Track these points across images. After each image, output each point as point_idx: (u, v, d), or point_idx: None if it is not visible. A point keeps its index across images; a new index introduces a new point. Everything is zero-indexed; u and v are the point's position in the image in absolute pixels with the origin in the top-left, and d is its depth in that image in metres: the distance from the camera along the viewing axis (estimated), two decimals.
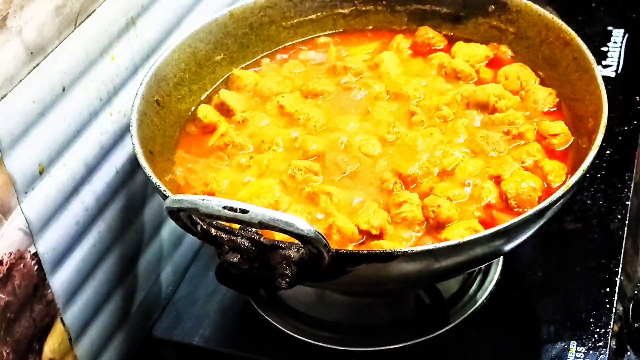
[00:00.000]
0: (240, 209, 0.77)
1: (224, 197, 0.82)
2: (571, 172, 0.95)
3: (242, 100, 1.08)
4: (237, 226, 0.82)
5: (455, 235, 0.89)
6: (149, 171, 0.90)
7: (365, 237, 0.91)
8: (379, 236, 0.91)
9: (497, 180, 0.96)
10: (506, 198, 0.93)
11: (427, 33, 1.15)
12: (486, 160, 0.98)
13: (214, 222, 0.82)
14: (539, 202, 0.92)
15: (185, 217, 0.82)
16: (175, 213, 0.81)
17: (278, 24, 1.16)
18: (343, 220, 0.91)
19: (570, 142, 1.00)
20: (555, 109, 1.04)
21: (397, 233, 0.92)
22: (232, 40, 1.13)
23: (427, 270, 0.85)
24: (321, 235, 0.78)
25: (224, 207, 0.77)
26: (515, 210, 0.93)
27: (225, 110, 1.07)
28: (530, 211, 0.85)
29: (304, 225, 0.77)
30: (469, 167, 0.97)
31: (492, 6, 1.12)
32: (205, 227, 0.82)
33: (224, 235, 0.81)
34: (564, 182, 0.94)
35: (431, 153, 0.98)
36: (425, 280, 0.96)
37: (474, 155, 0.99)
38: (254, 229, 0.81)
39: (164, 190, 0.88)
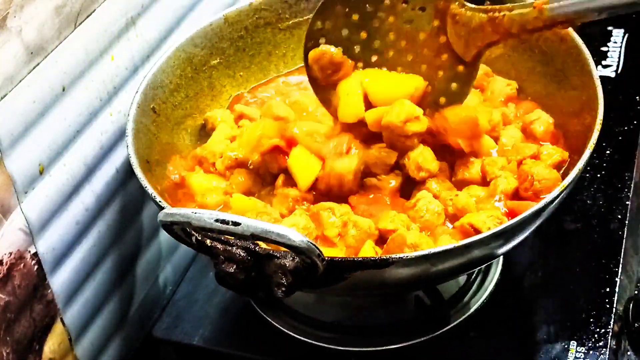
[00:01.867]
0: (232, 221, 0.77)
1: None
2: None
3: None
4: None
5: (479, 221, 0.89)
6: (144, 182, 0.90)
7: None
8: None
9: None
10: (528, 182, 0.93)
11: None
12: None
13: (209, 233, 0.82)
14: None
15: (179, 229, 0.82)
16: (168, 226, 0.81)
17: (274, 26, 1.16)
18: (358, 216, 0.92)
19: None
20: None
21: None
22: (227, 44, 1.13)
23: (424, 275, 0.85)
24: (314, 245, 0.78)
25: (216, 220, 0.78)
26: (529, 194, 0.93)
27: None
28: (526, 212, 0.85)
29: (296, 237, 0.77)
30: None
31: (488, 2, 1.12)
32: (200, 238, 0.82)
33: (219, 246, 0.81)
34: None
35: None
36: (423, 284, 0.97)
37: None
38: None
39: (160, 201, 0.88)
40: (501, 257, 1.08)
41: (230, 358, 1.04)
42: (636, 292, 1.13)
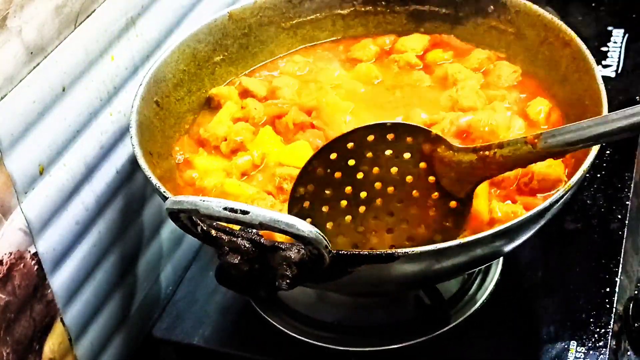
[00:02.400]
0: (240, 210, 0.77)
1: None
2: (571, 172, 0.95)
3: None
4: (237, 227, 0.82)
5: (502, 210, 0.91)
6: (148, 172, 0.90)
7: None
8: None
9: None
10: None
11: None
12: None
13: (214, 223, 0.82)
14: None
15: (186, 218, 0.82)
16: (175, 214, 0.81)
17: (277, 25, 1.16)
18: None
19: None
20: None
21: None
22: (231, 41, 1.13)
23: (427, 271, 0.86)
24: (322, 236, 0.78)
25: (225, 208, 0.77)
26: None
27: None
28: (530, 212, 0.85)
29: (304, 227, 0.77)
30: None
31: (492, 6, 1.12)
32: (205, 228, 0.82)
33: (224, 237, 0.81)
34: (564, 182, 0.94)
35: None
36: (426, 281, 0.96)
37: None
38: (254, 230, 0.81)
39: (164, 192, 0.88)
40: (501, 257, 1.08)
41: (230, 358, 1.04)
42: (636, 292, 1.13)
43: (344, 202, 0.89)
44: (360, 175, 0.89)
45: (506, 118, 1.02)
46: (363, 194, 0.90)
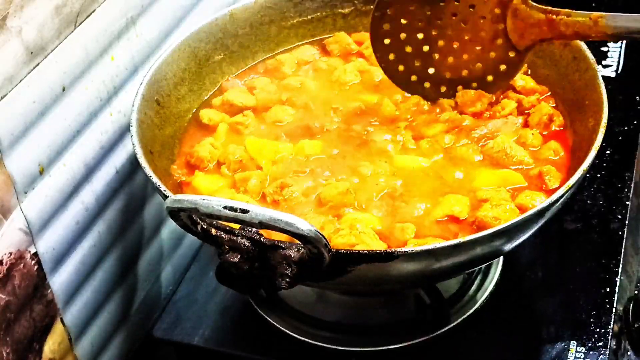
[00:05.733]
0: (240, 208, 0.77)
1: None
2: (571, 172, 0.95)
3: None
4: (237, 226, 0.82)
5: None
6: (149, 171, 0.90)
7: None
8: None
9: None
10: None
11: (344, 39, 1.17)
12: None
13: (215, 222, 0.82)
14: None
15: (186, 217, 0.82)
16: (175, 213, 0.81)
17: (278, 24, 1.16)
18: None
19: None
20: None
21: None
22: (232, 40, 1.13)
23: (427, 270, 0.86)
24: (321, 235, 0.78)
25: (225, 207, 0.77)
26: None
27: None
28: (531, 211, 0.85)
29: (304, 225, 0.77)
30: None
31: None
32: (205, 227, 0.82)
33: (224, 235, 0.81)
34: (564, 182, 0.94)
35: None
36: (426, 280, 0.96)
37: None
38: (254, 229, 0.81)
39: (164, 190, 0.88)
40: (501, 257, 1.08)
41: (230, 358, 1.04)
42: (636, 292, 1.13)
43: (421, 23, 1.04)
44: (442, 3, 1.03)
45: None
46: (439, 21, 1.04)
